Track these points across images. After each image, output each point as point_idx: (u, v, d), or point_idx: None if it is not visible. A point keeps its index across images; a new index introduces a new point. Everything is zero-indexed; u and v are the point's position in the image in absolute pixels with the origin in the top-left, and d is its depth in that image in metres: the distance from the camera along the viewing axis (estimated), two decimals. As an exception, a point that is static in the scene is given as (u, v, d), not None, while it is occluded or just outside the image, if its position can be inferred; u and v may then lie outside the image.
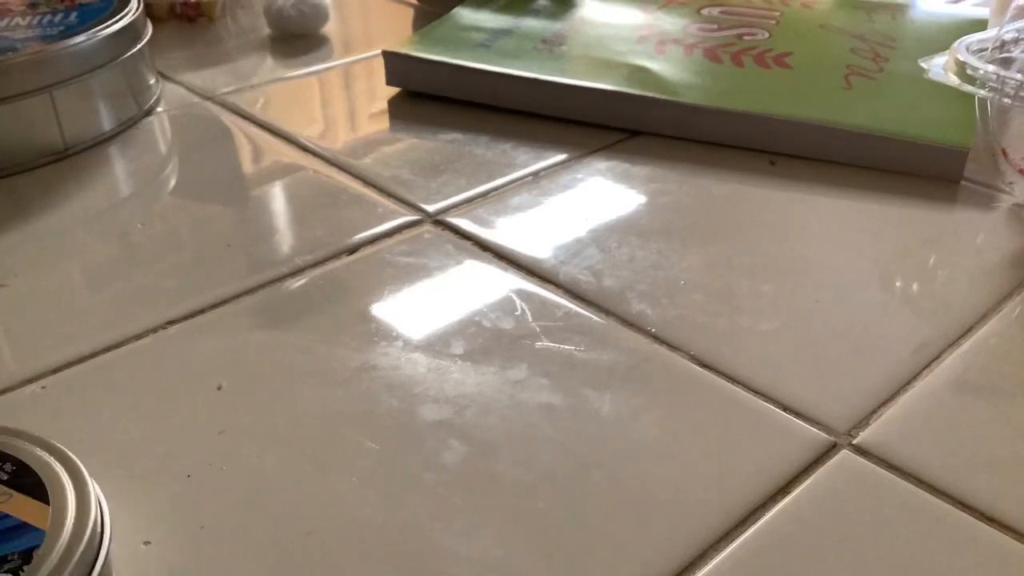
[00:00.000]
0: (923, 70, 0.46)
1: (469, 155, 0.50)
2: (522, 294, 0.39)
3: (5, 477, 0.25)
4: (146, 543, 0.27)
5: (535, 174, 0.48)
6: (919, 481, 0.30)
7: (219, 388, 0.33)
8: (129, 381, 0.34)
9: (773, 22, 0.62)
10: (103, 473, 0.29)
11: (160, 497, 0.29)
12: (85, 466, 0.26)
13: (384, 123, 0.55)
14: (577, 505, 0.29)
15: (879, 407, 0.33)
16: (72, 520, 0.25)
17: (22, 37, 0.50)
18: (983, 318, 0.37)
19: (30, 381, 0.34)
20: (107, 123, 0.52)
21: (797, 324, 0.37)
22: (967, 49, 0.44)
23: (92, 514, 0.25)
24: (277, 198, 0.47)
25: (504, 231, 0.43)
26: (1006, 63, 0.44)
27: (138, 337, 0.36)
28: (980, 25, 0.62)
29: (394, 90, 0.58)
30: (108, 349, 0.35)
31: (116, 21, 0.53)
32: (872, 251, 0.42)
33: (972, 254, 0.42)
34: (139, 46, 0.54)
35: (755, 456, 0.30)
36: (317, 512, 0.29)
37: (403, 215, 0.44)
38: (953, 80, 0.43)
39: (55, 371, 0.34)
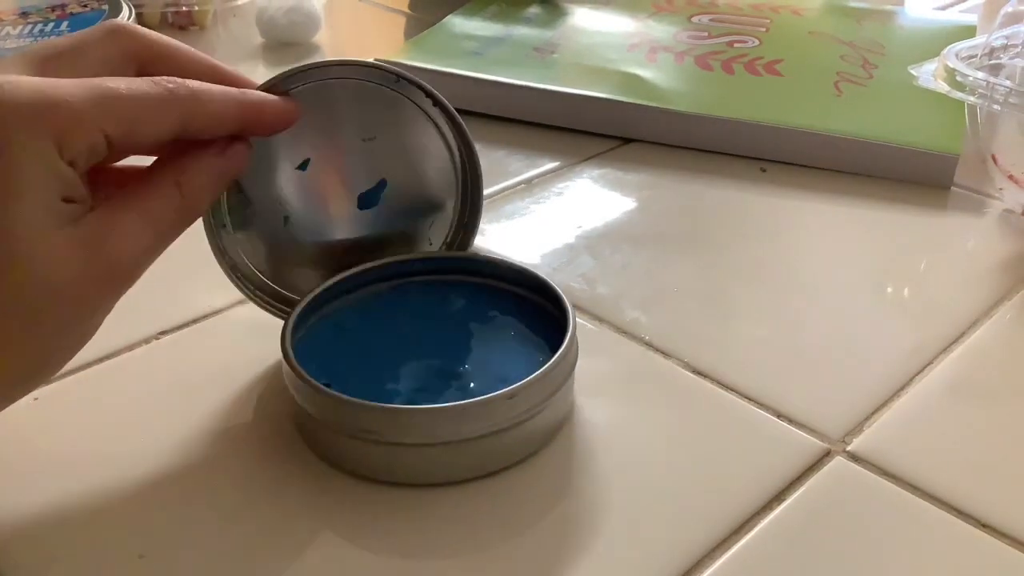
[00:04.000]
0: (912, 77, 0.46)
1: (461, 163, 0.50)
2: (516, 302, 0.39)
3: None
4: (141, 556, 0.27)
5: (528, 182, 0.48)
6: (913, 487, 0.30)
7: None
8: (122, 391, 0.34)
9: (763, 29, 0.62)
10: (97, 479, 0.29)
11: (157, 508, 0.29)
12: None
13: (376, 131, 0.55)
14: (571, 513, 0.29)
15: (873, 413, 0.33)
16: None
17: (13, 47, 0.50)
18: (975, 323, 0.37)
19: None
20: (98, 133, 0.52)
21: (790, 330, 0.37)
22: (956, 56, 0.45)
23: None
24: (270, 207, 0.47)
25: (497, 239, 0.43)
26: (995, 70, 0.45)
27: (131, 348, 0.36)
28: (969, 32, 0.62)
29: (386, 98, 0.58)
30: (100, 360, 0.35)
31: (107, 31, 0.52)
32: (864, 257, 0.42)
33: (963, 259, 0.42)
34: (130, 56, 0.54)
35: (749, 463, 0.30)
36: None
37: (396, 224, 0.44)
38: (942, 87, 0.44)
39: (48, 383, 0.34)
